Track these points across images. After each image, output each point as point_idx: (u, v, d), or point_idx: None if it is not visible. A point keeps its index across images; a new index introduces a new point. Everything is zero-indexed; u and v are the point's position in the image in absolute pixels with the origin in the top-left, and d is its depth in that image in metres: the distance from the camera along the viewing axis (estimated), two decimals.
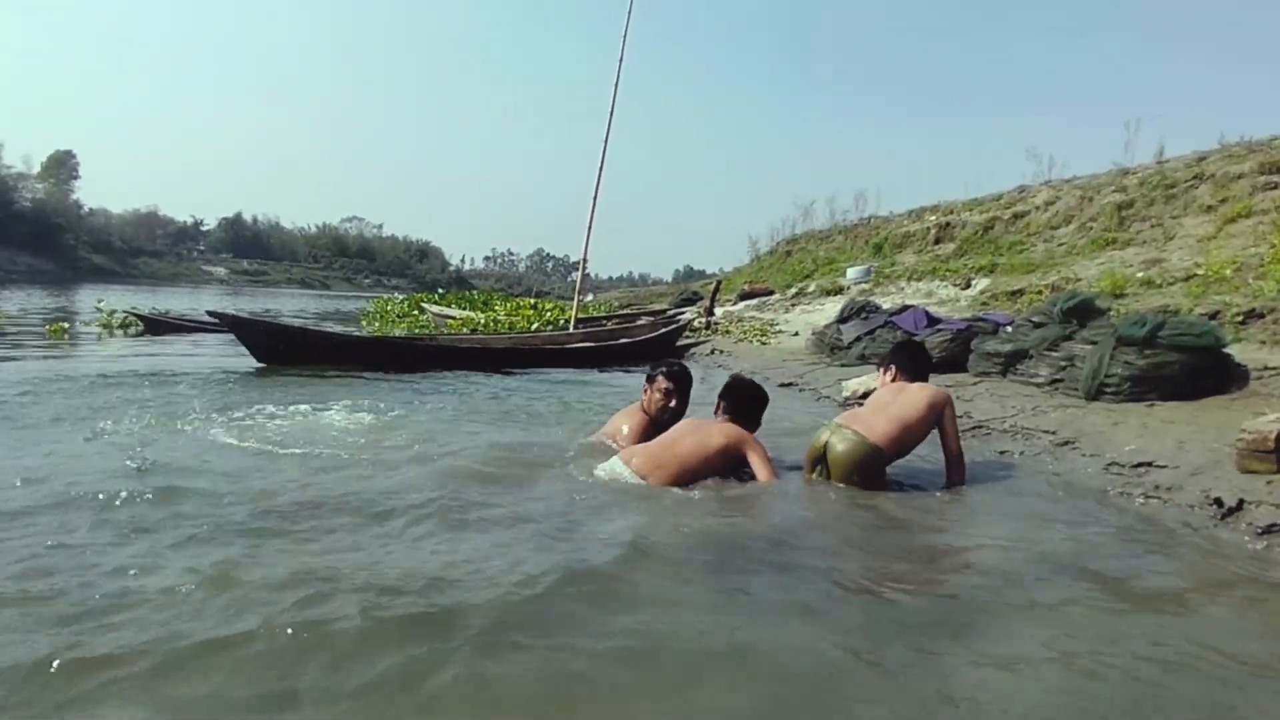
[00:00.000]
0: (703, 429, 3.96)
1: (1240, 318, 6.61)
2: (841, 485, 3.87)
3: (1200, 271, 8.63)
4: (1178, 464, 4.17)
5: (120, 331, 13.37)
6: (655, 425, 4.35)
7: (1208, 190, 11.70)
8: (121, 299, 20.84)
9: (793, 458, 4.31)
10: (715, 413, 4.18)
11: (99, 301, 17.50)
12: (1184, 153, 14.17)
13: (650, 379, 4.46)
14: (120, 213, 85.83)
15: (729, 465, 3.87)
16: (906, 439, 3.99)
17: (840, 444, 3.89)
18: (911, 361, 4.35)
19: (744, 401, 4.17)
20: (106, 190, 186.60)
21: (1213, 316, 6.69)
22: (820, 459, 3.98)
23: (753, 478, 3.87)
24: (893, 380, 4.34)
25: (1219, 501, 3.59)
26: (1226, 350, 5.62)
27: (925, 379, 4.32)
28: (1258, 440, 3.75)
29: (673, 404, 4.33)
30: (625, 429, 4.41)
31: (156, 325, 14.02)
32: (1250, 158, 11.90)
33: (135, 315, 14.27)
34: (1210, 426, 4.62)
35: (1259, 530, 3.32)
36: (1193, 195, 11.88)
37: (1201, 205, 11.42)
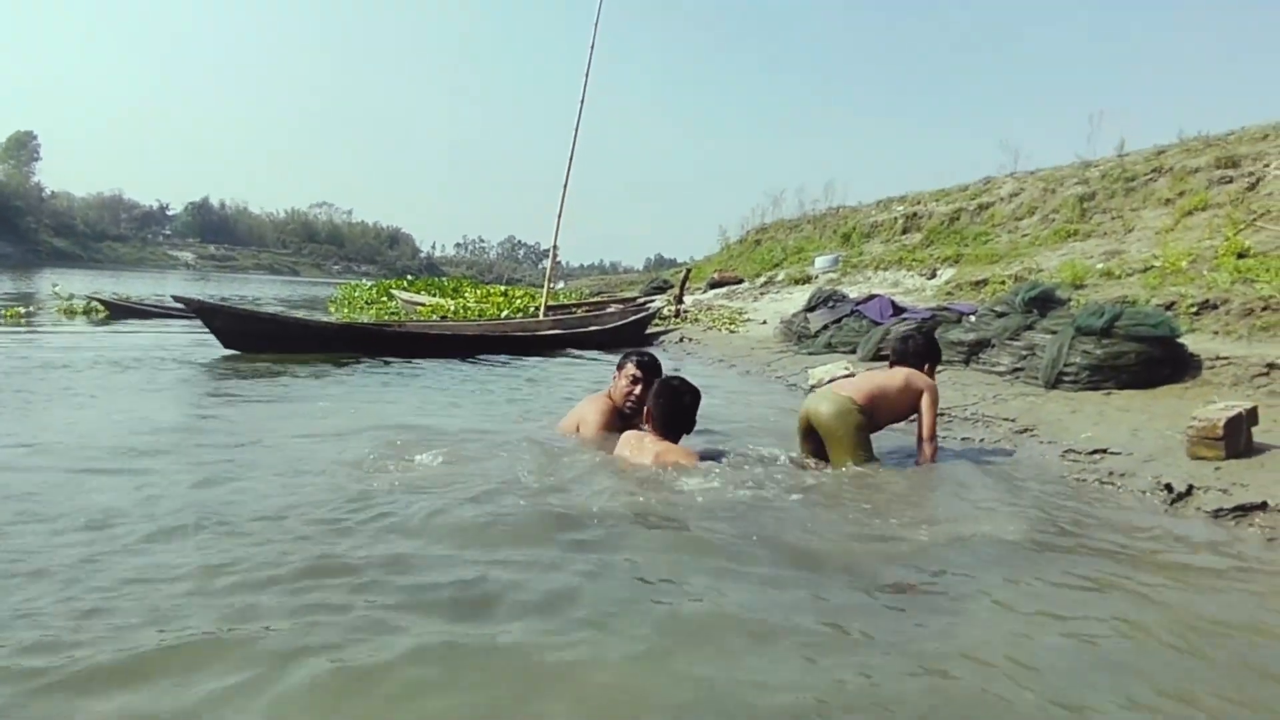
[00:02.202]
0: (638, 452, 3.81)
1: (1195, 309, 6.78)
2: (809, 465, 4.06)
3: (1157, 263, 8.80)
4: (1132, 451, 4.29)
5: (83, 317, 13.11)
6: (621, 414, 4.38)
7: (1166, 183, 11.95)
8: (84, 283, 20.42)
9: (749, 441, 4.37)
10: (645, 421, 3.97)
11: (54, 285, 17.10)
12: (1144, 146, 14.43)
13: (620, 366, 4.49)
14: (83, 196, 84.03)
15: None
16: (882, 403, 4.19)
17: (824, 405, 4.12)
18: (899, 352, 4.51)
19: (673, 413, 3.89)
20: (69, 173, 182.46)
21: (1168, 307, 6.84)
22: (809, 429, 4.18)
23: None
24: (890, 367, 4.56)
25: (1169, 487, 3.71)
26: (1181, 340, 5.77)
27: (919, 365, 4.43)
28: (1207, 428, 3.89)
29: (638, 391, 4.35)
30: (590, 417, 4.40)
31: (120, 311, 13.76)
32: (1207, 152, 12.16)
33: (99, 301, 13.99)
34: (1164, 414, 4.76)
35: (1207, 514, 3.44)
36: (1151, 188, 12.13)
37: (1160, 198, 11.66)
